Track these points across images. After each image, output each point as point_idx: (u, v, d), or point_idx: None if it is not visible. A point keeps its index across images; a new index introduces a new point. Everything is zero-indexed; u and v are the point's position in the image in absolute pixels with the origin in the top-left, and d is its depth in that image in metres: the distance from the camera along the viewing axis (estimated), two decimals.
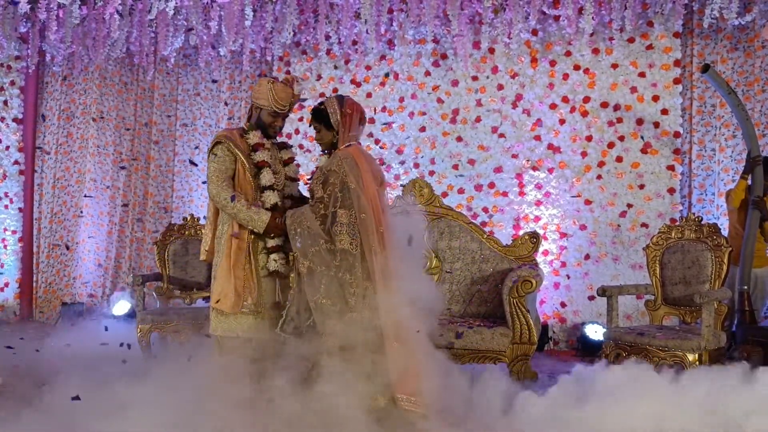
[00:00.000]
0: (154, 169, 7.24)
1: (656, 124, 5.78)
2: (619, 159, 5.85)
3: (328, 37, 6.41)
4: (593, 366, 3.64)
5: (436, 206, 4.72)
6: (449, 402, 3.05)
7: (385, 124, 6.37)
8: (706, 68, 4.79)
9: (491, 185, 6.12)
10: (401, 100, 6.41)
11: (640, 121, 5.81)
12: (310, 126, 3.31)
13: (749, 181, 4.89)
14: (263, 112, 3.32)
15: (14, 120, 7.20)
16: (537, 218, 6.00)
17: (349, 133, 3.21)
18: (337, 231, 3.05)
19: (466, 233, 4.66)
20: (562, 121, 6.00)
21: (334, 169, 3.09)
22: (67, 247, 7.08)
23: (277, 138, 3.52)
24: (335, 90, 6.55)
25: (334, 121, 3.19)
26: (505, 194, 6.09)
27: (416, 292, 3.05)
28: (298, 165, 3.54)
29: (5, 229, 7.16)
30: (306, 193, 3.45)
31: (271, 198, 3.25)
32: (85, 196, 7.06)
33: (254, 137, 3.32)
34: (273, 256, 3.27)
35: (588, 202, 5.89)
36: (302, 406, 2.97)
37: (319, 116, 3.22)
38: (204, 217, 3.49)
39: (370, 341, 2.99)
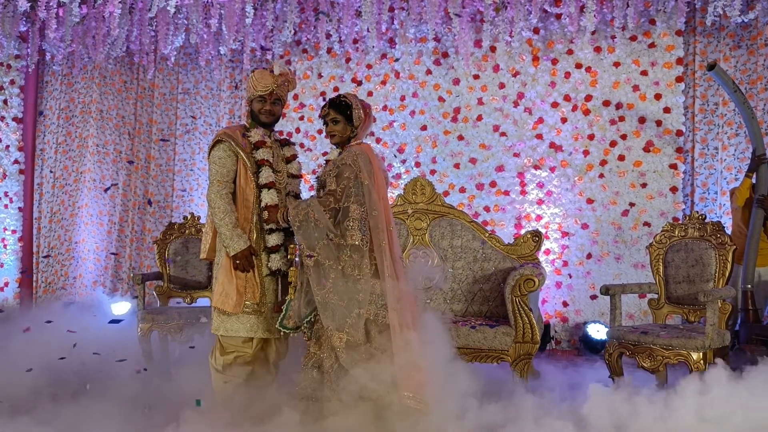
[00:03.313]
0: (154, 168, 7.22)
1: (658, 123, 5.75)
2: (621, 157, 5.83)
3: (329, 36, 6.39)
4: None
5: (437, 205, 4.69)
6: (452, 400, 3.03)
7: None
8: (712, 66, 4.77)
9: (493, 184, 6.09)
10: (402, 98, 6.39)
11: (642, 120, 5.79)
12: (321, 118, 3.27)
13: (754, 180, 4.86)
14: (253, 102, 3.32)
15: (14, 119, 7.18)
16: (539, 217, 5.98)
17: (364, 132, 3.20)
18: (348, 226, 3.03)
19: (467, 232, 4.63)
20: (563, 120, 5.97)
21: (349, 163, 3.06)
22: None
23: (278, 135, 3.50)
24: (336, 89, 6.52)
25: (357, 117, 3.17)
26: (506, 193, 6.06)
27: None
28: (299, 163, 3.52)
29: (5, 229, 7.14)
30: (306, 193, 3.43)
31: (270, 197, 3.23)
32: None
33: (256, 135, 3.30)
34: (274, 255, 3.25)
35: (590, 200, 5.86)
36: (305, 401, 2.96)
37: (343, 109, 3.17)
38: (205, 216, 3.46)
39: (377, 338, 2.97)
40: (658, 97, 5.76)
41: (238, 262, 3.16)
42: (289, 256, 3.27)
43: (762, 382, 3.16)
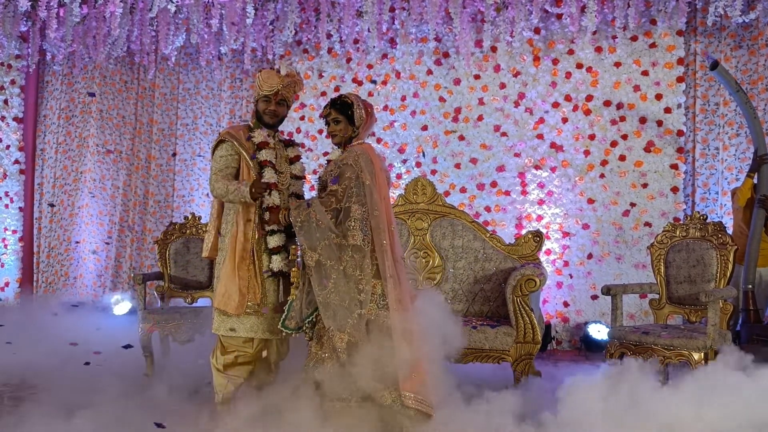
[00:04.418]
0: (154, 168, 7.22)
1: (659, 123, 5.75)
2: (622, 158, 5.83)
3: (329, 36, 6.39)
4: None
5: (438, 205, 4.69)
6: (454, 401, 3.03)
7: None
8: (714, 65, 4.76)
9: (493, 184, 6.09)
10: (403, 98, 6.39)
11: (643, 120, 5.79)
12: (323, 118, 3.26)
13: (755, 180, 4.85)
14: (259, 102, 3.32)
15: (15, 119, 7.18)
16: (539, 217, 5.97)
17: (365, 132, 3.20)
18: (350, 226, 3.02)
19: (468, 232, 4.63)
20: (564, 120, 5.97)
21: (350, 163, 3.06)
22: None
23: (282, 135, 3.50)
24: (337, 89, 6.52)
25: (358, 116, 3.16)
26: (507, 193, 6.06)
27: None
28: (302, 164, 3.51)
29: (5, 229, 7.14)
30: (307, 193, 3.42)
31: (272, 198, 3.23)
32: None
33: (259, 136, 3.30)
34: (275, 256, 3.25)
35: (591, 201, 5.86)
36: (307, 402, 2.96)
37: (344, 108, 3.17)
38: (208, 214, 3.47)
39: (378, 338, 2.96)
40: (658, 97, 5.76)
41: (254, 191, 3.13)
42: (290, 257, 3.27)
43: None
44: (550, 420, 3.09)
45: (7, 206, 7.15)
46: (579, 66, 5.95)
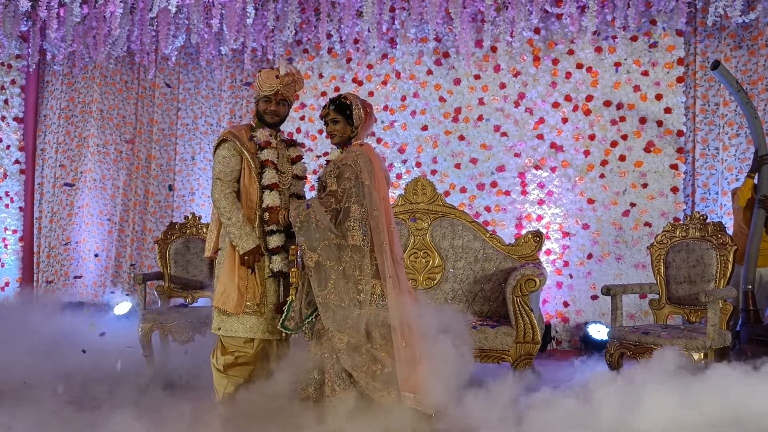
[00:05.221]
0: (155, 168, 7.22)
1: (659, 123, 5.75)
2: (622, 158, 5.83)
3: (329, 36, 6.39)
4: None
5: (438, 205, 4.70)
6: (454, 401, 3.03)
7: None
8: (716, 65, 4.76)
9: (493, 184, 6.09)
10: (403, 98, 6.39)
11: (643, 120, 5.79)
12: (322, 118, 3.27)
13: (756, 180, 4.85)
14: (259, 102, 3.33)
15: (15, 119, 7.18)
16: (539, 217, 5.98)
17: (364, 132, 3.20)
18: (349, 226, 3.03)
19: (468, 232, 4.64)
20: (564, 120, 5.97)
21: (350, 163, 3.06)
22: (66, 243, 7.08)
23: (284, 135, 3.50)
24: (337, 89, 6.52)
25: (357, 116, 3.16)
26: (507, 193, 6.06)
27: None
28: (304, 164, 3.51)
29: (6, 229, 7.15)
30: (307, 193, 3.43)
31: (272, 198, 3.23)
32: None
33: (262, 135, 3.30)
34: (275, 257, 3.25)
35: (591, 201, 5.86)
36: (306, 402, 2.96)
37: (343, 108, 3.17)
38: (208, 214, 3.47)
39: (378, 339, 2.97)
40: (659, 97, 5.76)
41: (246, 258, 3.17)
42: (290, 257, 3.27)
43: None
44: None
45: (7, 206, 7.15)
46: (579, 66, 5.95)
